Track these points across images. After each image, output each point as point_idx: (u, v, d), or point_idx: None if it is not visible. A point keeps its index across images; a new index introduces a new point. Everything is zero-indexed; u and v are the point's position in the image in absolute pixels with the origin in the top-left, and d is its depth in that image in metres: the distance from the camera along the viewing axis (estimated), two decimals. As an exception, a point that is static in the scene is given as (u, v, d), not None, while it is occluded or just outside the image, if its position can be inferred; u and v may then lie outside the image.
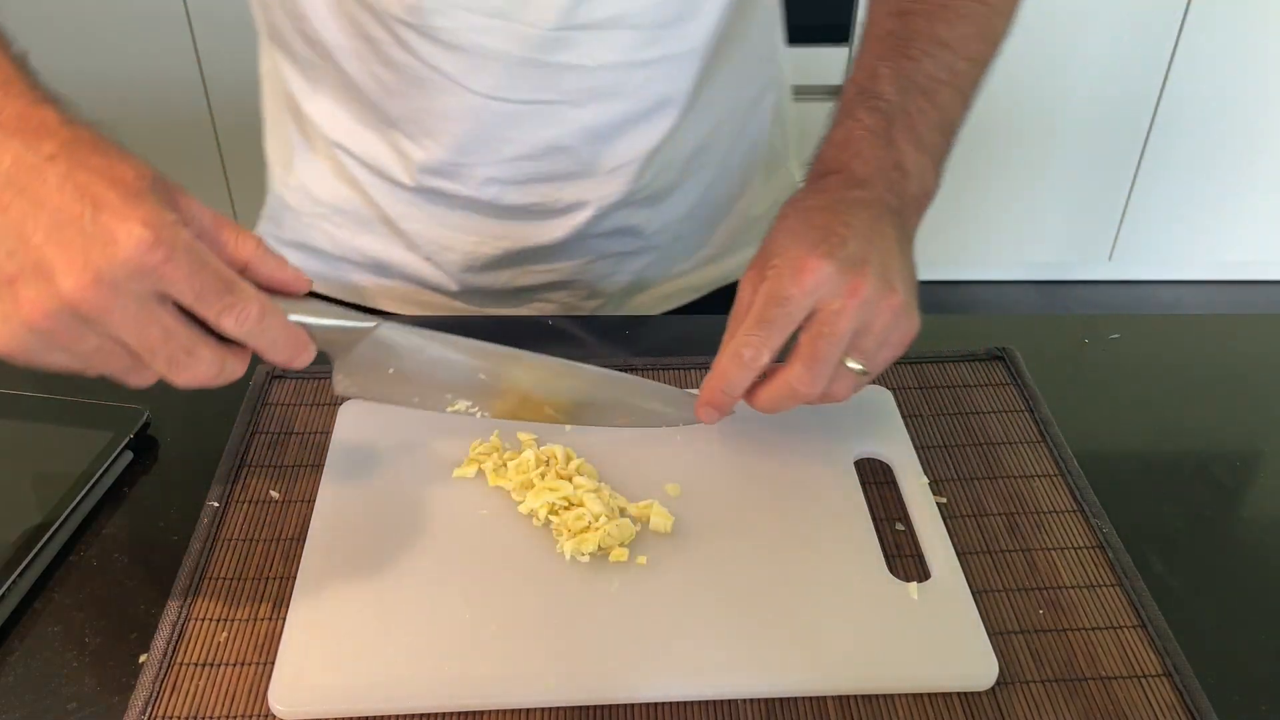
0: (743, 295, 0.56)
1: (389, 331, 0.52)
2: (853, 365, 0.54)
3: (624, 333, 0.76)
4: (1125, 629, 0.52)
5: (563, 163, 0.73)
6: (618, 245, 0.80)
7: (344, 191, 0.79)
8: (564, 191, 0.75)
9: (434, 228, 0.79)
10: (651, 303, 0.86)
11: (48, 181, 0.42)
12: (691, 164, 0.78)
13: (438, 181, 0.75)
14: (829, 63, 2.02)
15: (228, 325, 0.45)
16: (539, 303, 0.84)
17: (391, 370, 0.53)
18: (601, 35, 0.68)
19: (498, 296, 0.83)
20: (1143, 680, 0.50)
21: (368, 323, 0.51)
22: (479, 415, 0.57)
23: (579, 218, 0.77)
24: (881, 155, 0.59)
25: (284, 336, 0.47)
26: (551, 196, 0.75)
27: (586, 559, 0.54)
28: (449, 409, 0.56)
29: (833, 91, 0.67)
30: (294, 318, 0.48)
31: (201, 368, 0.45)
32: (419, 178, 0.75)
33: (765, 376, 0.55)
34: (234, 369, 0.47)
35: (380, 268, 0.82)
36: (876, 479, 0.61)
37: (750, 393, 0.55)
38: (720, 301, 0.86)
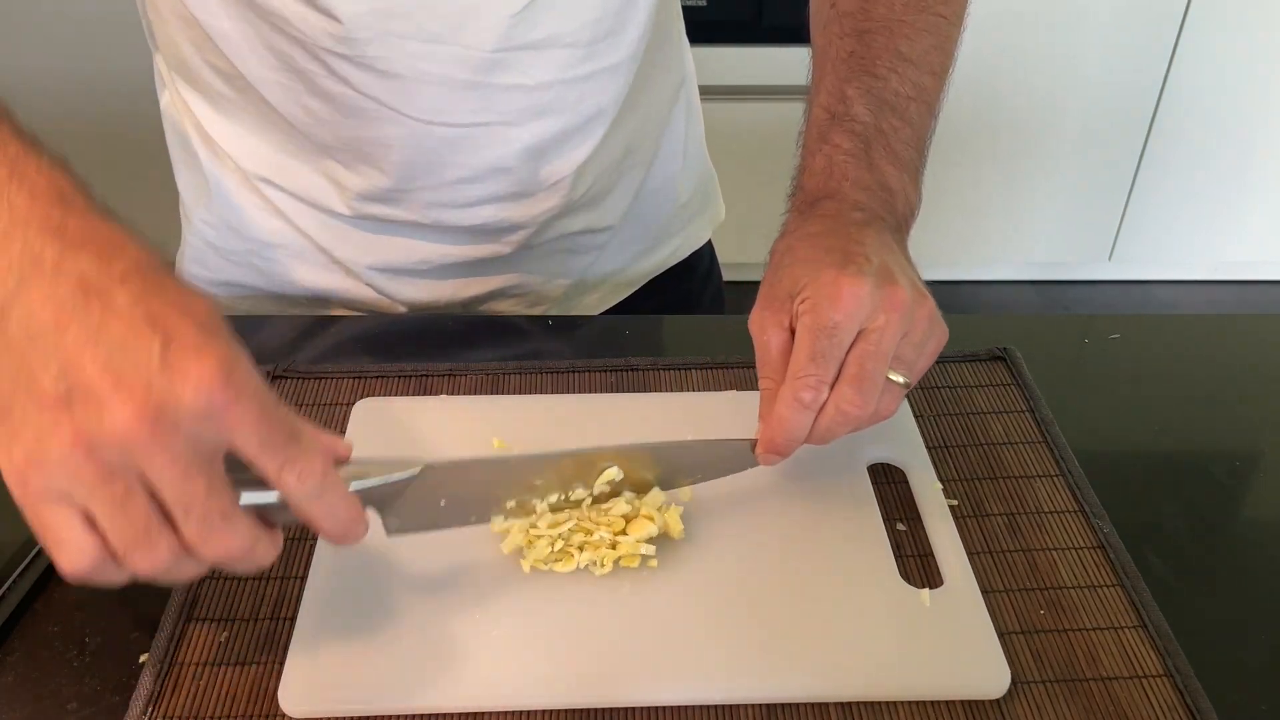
0: (766, 338, 0.54)
1: (436, 471, 0.49)
2: (896, 378, 0.53)
3: (577, 331, 0.77)
4: (1126, 629, 0.52)
5: (503, 183, 0.73)
6: (561, 251, 0.81)
7: (273, 224, 0.78)
8: (506, 211, 0.75)
9: (373, 254, 0.78)
10: (593, 302, 0.87)
11: (116, 304, 0.38)
12: (623, 165, 0.80)
13: (377, 209, 0.74)
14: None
15: (289, 481, 0.41)
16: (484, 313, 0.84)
17: (443, 502, 0.50)
18: (539, 54, 0.68)
19: (444, 311, 0.82)
20: (1143, 680, 0.50)
21: (413, 470, 0.48)
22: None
23: (522, 233, 0.77)
24: (866, 177, 0.59)
25: (343, 505, 0.43)
26: (495, 217, 0.75)
27: (603, 572, 0.53)
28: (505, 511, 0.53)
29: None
30: (351, 486, 0.45)
31: (234, 539, 0.40)
32: (356, 206, 0.74)
33: None
34: (265, 552, 0.42)
35: (321, 299, 0.81)
36: (877, 479, 0.60)
37: None
38: (654, 292, 0.89)
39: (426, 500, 0.49)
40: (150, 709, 0.48)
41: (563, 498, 0.53)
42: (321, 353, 0.74)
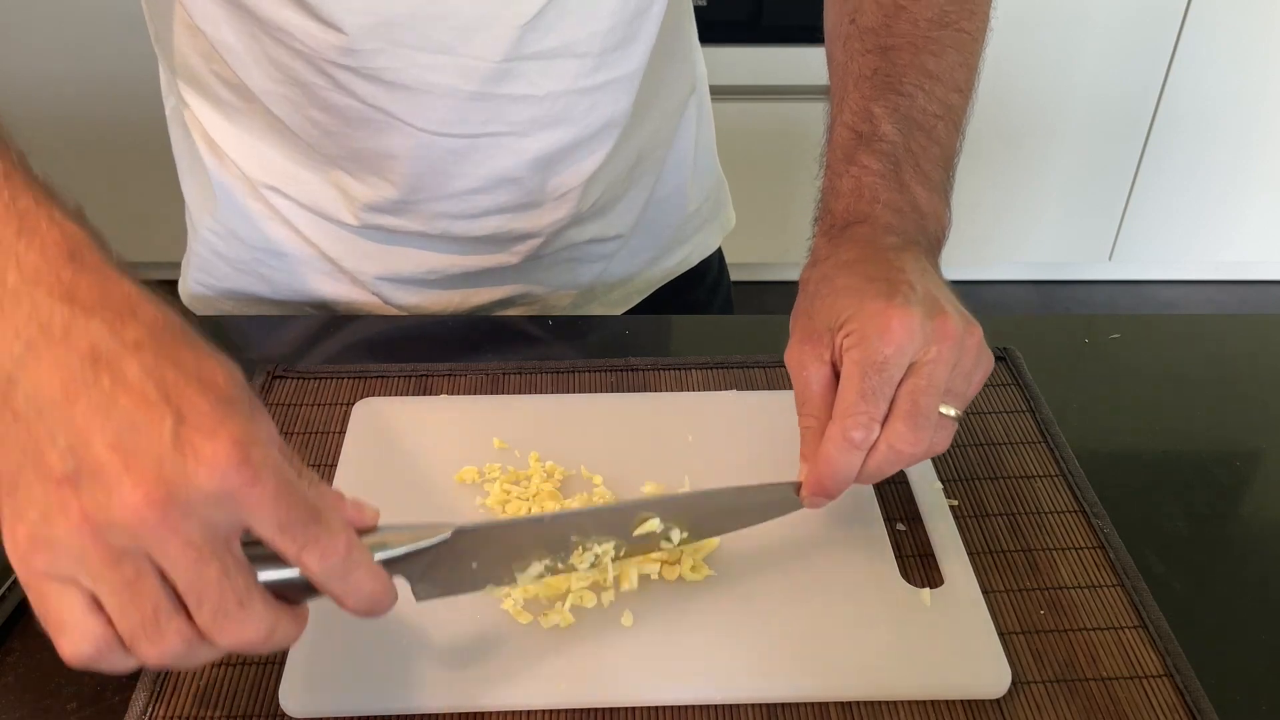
0: (806, 374, 0.51)
1: (467, 535, 0.46)
2: (947, 411, 0.50)
3: (584, 334, 0.77)
4: (1126, 629, 0.52)
5: (512, 193, 0.73)
6: (569, 261, 0.81)
7: (280, 233, 0.77)
8: (515, 222, 0.75)
9: (380, 264, 0.77)
10: (601, 311, 0.86)
11: (128, 375, 0.36)
12: (632, 175, 0.79)
13: (385, 219, 0.74)
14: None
15: (310, 562, 0.38)
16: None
17: (475, 564, 0.47)
18: (548, 65, 0.67)
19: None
20: (1144, 680, 0.50)
21: (442, 535, 0.45)
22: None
23: (530, 244, 0.77)
24: (898, 199, 0.56)
25: (368, 580, 0.40)
26: (503, 228, 0.75)
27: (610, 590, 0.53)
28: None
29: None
30: (377, 556, 0.42)
31: (250, 626, 0.38)
32: (364, 216, 0.74)
33: None
34: (285, 634, 0.39)
35: (327, 307, 0.81)
36: (877, 479, 0.61)
37: None
38: (662, 300, 0.89)
39: (458, 564, 0.46)
40: (150, 709, 0.48)
41: (599, 550, 0.50)
42: (323, 353, 0.74)
